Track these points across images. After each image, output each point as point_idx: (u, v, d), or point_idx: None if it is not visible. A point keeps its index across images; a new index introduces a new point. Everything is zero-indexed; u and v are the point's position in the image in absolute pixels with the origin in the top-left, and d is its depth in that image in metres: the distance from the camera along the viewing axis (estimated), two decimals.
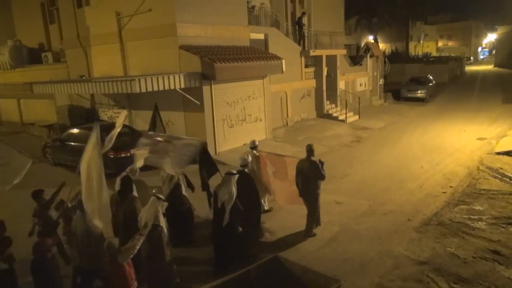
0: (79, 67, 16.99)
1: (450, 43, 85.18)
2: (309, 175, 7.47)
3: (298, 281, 5.41)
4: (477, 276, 6.14)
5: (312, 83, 20.06)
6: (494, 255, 6.72)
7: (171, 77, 11.74)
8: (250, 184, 7.22)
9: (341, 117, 19.99)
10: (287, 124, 18.28)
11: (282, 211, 8.88)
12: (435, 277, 6.17)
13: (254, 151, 8.56)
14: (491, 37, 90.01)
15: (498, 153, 13.09)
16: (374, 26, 43.18)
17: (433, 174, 11.42)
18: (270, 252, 6.77)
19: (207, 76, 12.59)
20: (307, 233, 7.71)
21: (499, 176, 10.90)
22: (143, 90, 11.17)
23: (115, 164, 11.53)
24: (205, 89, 12.88)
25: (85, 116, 15.93)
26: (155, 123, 9.92)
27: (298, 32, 19.50)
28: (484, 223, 8.06)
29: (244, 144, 13.82)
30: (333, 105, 21.05)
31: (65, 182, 6.65)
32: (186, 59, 12.82)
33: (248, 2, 16.28)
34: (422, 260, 6.70)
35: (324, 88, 20.31)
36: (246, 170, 7.43)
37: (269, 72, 14.97)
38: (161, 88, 11.52)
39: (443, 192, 9.99)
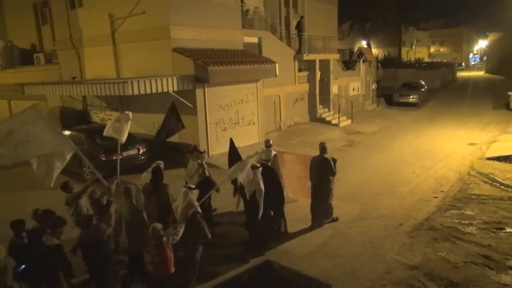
0: (71, 69, 16.87)
1: (442, 49, 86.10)
2: (323, 171, 8.12)
3: (290, 285, 5.41)
4: (468, 281, 6.16)
5: (306, 87, 20.12)
6: (484, 260, 6.75)
7: (164, 80, 11.69)
8: (274, 176, 7.57)
9: (334, 121, 20.06)
10: (280, 128, 18.30)
11: None
12: (426, 281, 6.19)
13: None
14: (482, 44, 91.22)
15: (489, 159, 13.20)
16: (367, 31, 43.49)
17: (425, 179, 11.49)
18: (262, 255, 6.79)
19: (201, 79, 12.56)
20: (315, 219, 8.33)
21: (490, 181, 10.99)
22: (136, 92, 11.11)
23: (106, 166, 11.46)
24: (198, 92, 12.85)
25: (76, 118, 15.78)
26: (170, 122, 9.87)
27: (298, 36, 19.60)
28: (475, 228, 8.11)
29: (237, 147, 13.77)
30: (326, 109, 21.13)
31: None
32: (180, 62, 12.79)
33: (242, 6, 16.31)
34: (414, 264, 6.72)
35: (317, 92, 20.38)
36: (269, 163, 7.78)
37: (263, 75, 14.98)
38: (154, 90, 11.47)
39: (434, 197, 10.05)
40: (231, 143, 8.43)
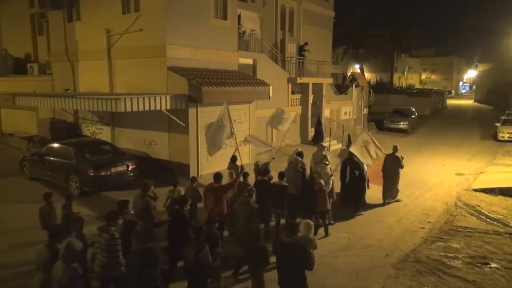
0: (64, 81, 16.80)
1: (433, 76, 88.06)
2: (393, 164, 11.58)
3: None
4: None
5: (298, 109, 20.27)
6: None
7: (158, 98, 11.68)
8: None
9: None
10: (271, 150, 18.30)
11: None
12: None
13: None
14: (471, 73, 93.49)
15: (475, 190, 13.36)
16: (361, 56, 44.30)
17: (412, 209, 11.56)
18: (245, 283, 6.69)
19: (194, 98, 12.59)
20: (385, 198, 11.81)
21: (476, 214, 11.10)
22: (128, 109, 11.04)
23: (94, 182, 11.32)
24: (191, 111, 12.86)
25: (66, 130, 15.65)
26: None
27: (299, 60, 19.96)
28: (460, 261, 8.15)
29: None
30: None
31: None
32: (174, 81, 12.84)
33: (238, 28, 16.52)
34: None
35: (310, 115, 20.56)
36: None
37: (256, 97, 15.08)
38: (146, 108, 11.43)
39: (421, 228, 10.10)
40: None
